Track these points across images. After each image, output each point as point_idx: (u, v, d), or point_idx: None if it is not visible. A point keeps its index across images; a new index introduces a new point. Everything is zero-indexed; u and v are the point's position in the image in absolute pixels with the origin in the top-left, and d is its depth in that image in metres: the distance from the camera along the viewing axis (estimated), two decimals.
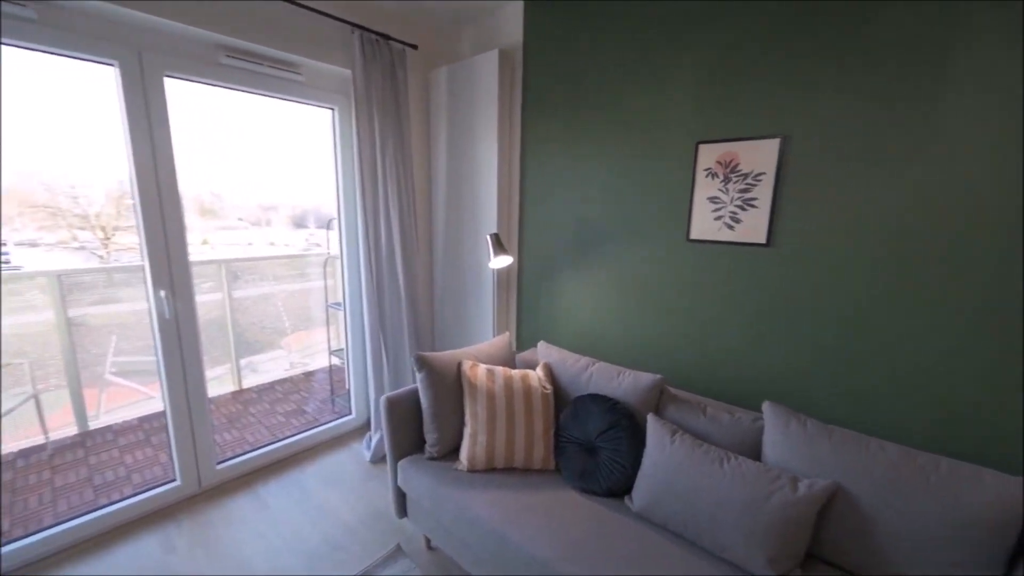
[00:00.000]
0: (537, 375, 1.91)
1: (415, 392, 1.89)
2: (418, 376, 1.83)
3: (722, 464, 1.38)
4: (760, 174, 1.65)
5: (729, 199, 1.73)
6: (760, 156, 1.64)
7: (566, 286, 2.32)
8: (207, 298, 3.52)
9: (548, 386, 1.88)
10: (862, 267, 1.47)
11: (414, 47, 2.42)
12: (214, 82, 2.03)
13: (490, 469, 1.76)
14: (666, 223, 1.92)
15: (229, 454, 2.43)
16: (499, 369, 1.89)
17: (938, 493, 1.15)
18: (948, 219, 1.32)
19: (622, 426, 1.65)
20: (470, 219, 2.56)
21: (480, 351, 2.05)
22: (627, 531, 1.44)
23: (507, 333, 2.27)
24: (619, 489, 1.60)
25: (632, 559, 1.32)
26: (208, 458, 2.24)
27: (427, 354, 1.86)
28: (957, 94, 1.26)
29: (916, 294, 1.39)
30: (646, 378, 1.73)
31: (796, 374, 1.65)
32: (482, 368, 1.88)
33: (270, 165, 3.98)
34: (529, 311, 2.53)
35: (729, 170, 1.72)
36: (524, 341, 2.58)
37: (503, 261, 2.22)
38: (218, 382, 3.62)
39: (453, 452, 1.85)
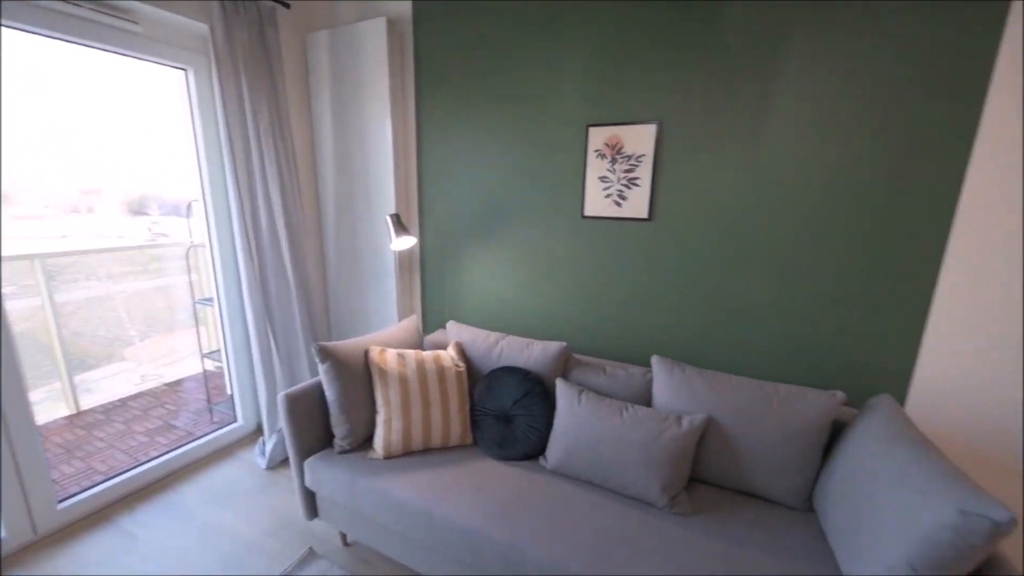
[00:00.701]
0: (449, 355, 1.91)
1: (317, 386, 1.76)
2: (321, 368, 1.70)
3: (622, 414, 1.56)
4: (641, 155, 1.84)
5: (616, 178, 1.91)
6: (641, 139, 1.83)
7: (471, 265, 2.35)
8: (17, 305, 2.77)
9: (461, 364, 1.90)
10: (724, 235, 1.76)
11: (286, 5, 2.16)
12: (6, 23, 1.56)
13: (407, 453, 1.73)
14: (563, 201, 2.04)
15: (74, 489, 2.00)
16: (410, 352, 1.85)
17: (778, 411, 1.46)
18: (784, 192, 1.63)
19: (535, 393, 1.75)
20: (364, 198, 2.41)
21: (388, 336, 1.98)
22: (545, 488, 1.55)
23: (414, 316, 2.22)
24: (535, 451, 1.71)
25: (551, 511, 1.44)
26: (44, 498, 1.81)
27: (330, 344, 1.74)
28: (784, 86, 1.56)
29: (764, 257, 1.71)
30: (553, 347, 1.85)
31: (677, 329, 1.92)
32: (391, 353, 1.82)
33: (94, 139, 3.22)
34: (434, 292, 2.50)
35: (615, 152, 1.89)
36: (432, 323, 2.55)
37: (406, 242, 2.15)
38: (45, 407, 2.91)
39: (366, 442, 1.78)
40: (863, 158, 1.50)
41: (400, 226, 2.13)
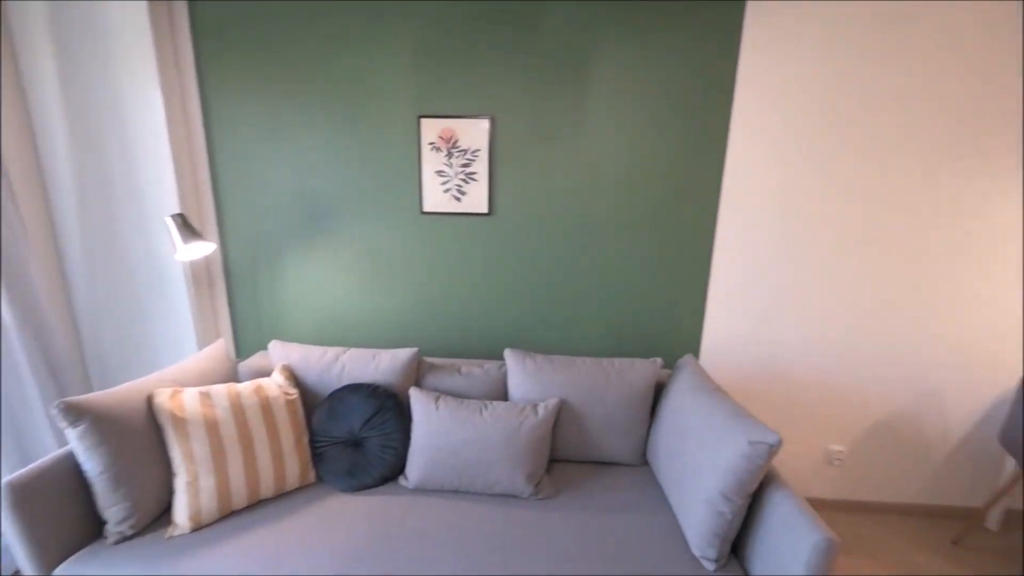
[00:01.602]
0: (275, 381, 1.59)
1: (67, 459, 1.26)
2: (73, 433, 1.21)
3: (481, 413, 1.53)
4: (477, 150, 1.82)
5: (454, 173, 1.86)
6: (475, 133, 1.81)
7: (297, 272, 2.00)
8: None
9: (292, 390, 1.60)
10: (557, 226, 1.87)
11: None
12: None
13: (229, 515, 1.38)
14: (400, 196, 1.89)
15: None
16: (219, 388, 1.47)
17: (615, 383, 1.64)
18: (602, 184, 1.82)
19: (387, 408, 1.59)
20: (129, 193, 1.81)
21: (183, 372, 1.53)
22: (408, 511, 1.42)
23: (221, 341, 1.78)
24: (394, 472, 1.56)
25: (418, 534, 1.32)
26: None
27: (86, 397, 1.25)
28: (598, 87, 1.73)
29: (587, 245, 1.88)
30: (403, 354, 1.70)
31: (526, 320, 1.98)
32: (191, 393, 1.41)
33: None
34: (248, 308, 2.06)
35: (451, 145, 1.83)
36: (248, 346, 2.10)
37: (198, 249, 1.69)
38: None
39: (162, 517, 1.35)
40: (657, 153, 1.77)
41: (188, 229, 1.66)
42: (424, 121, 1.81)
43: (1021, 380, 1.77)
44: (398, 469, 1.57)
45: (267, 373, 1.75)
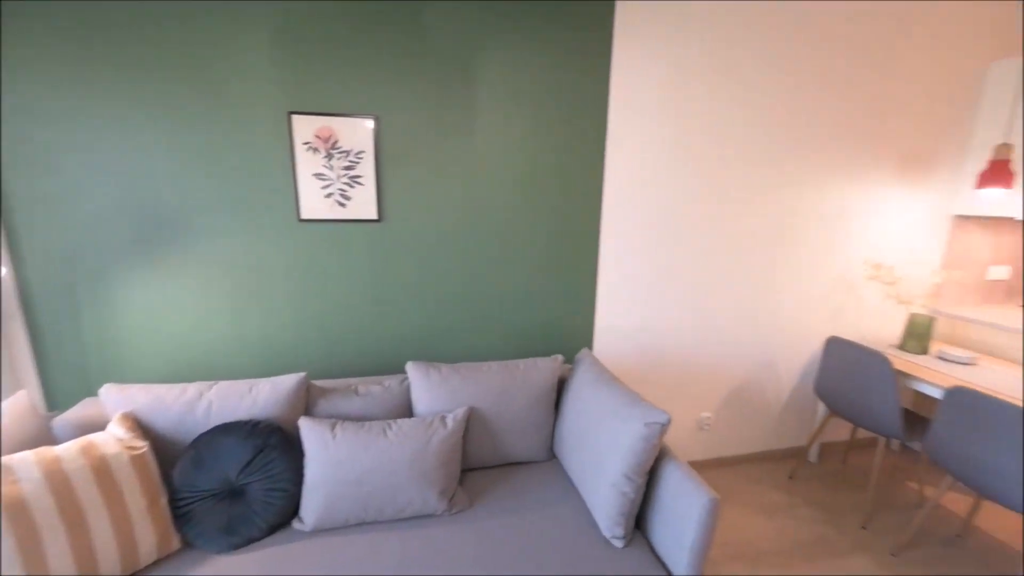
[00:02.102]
0: (113, 435, 1.27)
1: None
2: None
3: (386, 433, 1.42)
4: (361, 152, 1.69)
5: (336, 176, 1.70)
6: (358, 134, 1.68)
7: (138, 296, 1.63)
8: None
9: (139, 443, 1.29)
10: (452, 231, 1.83)
11: None
12: None
13: None
14: (272, 203, 1.67)
15: None
16: (24, 457, 1.12)
17: (521, 384, 1.66)
18: (495, 186, 1.83)
19: (272, 446, 1.38)
20: None
21: None
22: (304, 560, 1.25)
23: (22, 392, 1.37)
24: (285, 518, 1.36)
25: None
26: None
27: None
28: (486, 90, 1.73)
29: (485, 248, 1.88)
30: (288, 381, 1.50)
31: (427, 330, 1.90)
32: None
33: None
34: (64, 347, 1.62)
35: (330, 146, 1.67)
36: (66, 394, 1.65)
37: None
38: None
39: None
40: (544, 157, 1.85)
41: None
42: (296, 118, 1.62)
43: (824, 343, 2.26)
44: (290, 513, 1.37)
45: (99, 426, 1.39)
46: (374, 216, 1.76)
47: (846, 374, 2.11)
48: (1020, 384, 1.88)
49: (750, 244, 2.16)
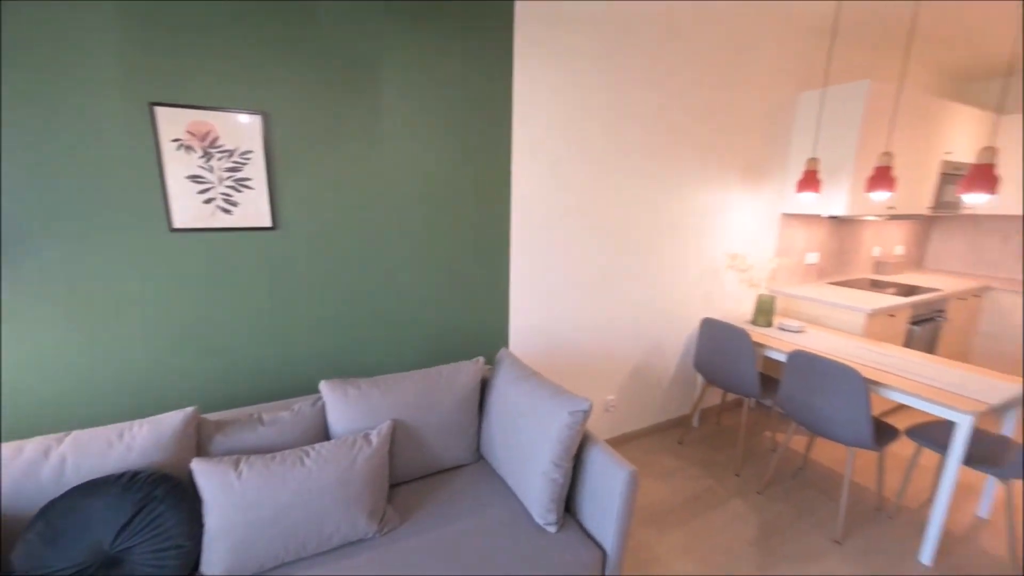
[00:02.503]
0: None
1: None
2: None
3: (303, 461, 1.30)
4: (248, 152, 1.51)
5: (218, 179, 1.49)
6: (243, 132, 1.49)
7: None
8: None
9: None
10: (359, 237, 1.73)
11: None
12: None
13: None
14: (133, 209, 1.40)
15: None
16: None
17: (446, 389, 1.65)
18: (403, 190, 1.78)
19: (156, 499, 1.17)
20: None
21: None
22: None
23: None
24: None
25: None
26: None
27: None
28: (390, 91, 1.67)
29: (396, 254, 1.81)
30: (171, 419, 1.28)
31: (339, 345, 1.76)
32: None
33: None
34: None
35: (209, 144, 1.46)
36: None
37: None
38: None
39: None
40: (454, 162, 1.85)
41: None
42: (160, 111, 1.38)
43: (700, 323, 2.64)
44: (188, 572, 1.18)
45: None
46: (268, 223, 1.58)
47: (717, 349, 2.49)
48: (837, 344, 2.43)
49: (637, 241, 2.43)
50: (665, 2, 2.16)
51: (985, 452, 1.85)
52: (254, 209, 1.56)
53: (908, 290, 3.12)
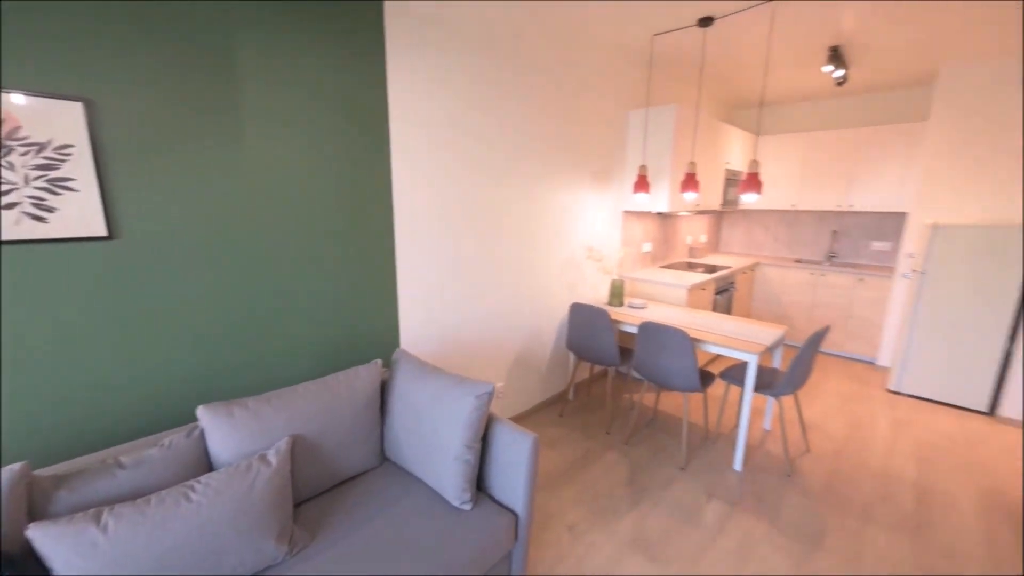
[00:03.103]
0: None
1: None
2: None
3: (189, 498, 1.15)
4: (67, 147, 1.25)
5: (23, 179, 1.20)
6: (59, 123, 1.22)
7: None
8: None
9: None
10: (228, 250, 1.56)
11: None
12: None
13: None
14: None
15: None
16: None
17: (347, 396, 1.61)
18: (280, 196, 1.65)
19: None
20: None
21: None
22: None
23: None
24: None
25: None
26: None
27: None
28: (256, 86, 1.54)
29: (282, 265, 1.68)
30: None
31: (214, 366, 1.55)
32: None
33: None
34: None
35: (7, 136, 1.16)
36: None
37: None
38: None
39: None
40: (334, 166, 1.79)
41: None
42: None
43: (569, 308, 3.00)
44: None
45: None
46: (102, 232, 1.33)
47: (585, 329, 2.88)
48: (670, 313, 3.03)
49: (510, 237, 2.65)
50: (515, 26, 2.41)
51: (765, 381, 2.55)
52: (78, 215, 1.29)
53: (711, 268, 4.03)
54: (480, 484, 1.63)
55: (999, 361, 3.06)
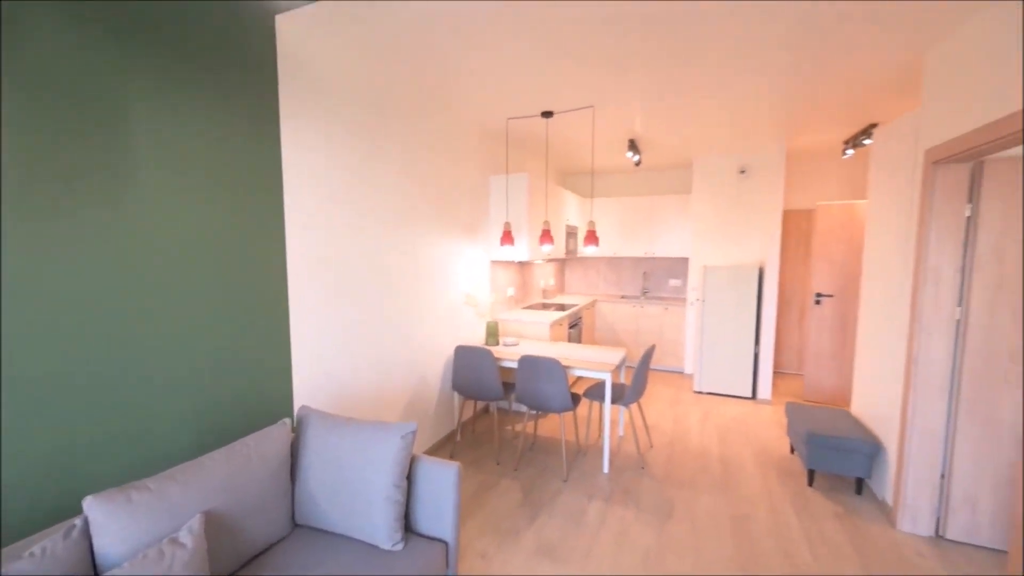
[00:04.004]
0: None
1: None
2: None
3: None
4: None
5: None
6: None
7: None
8: None
9: None
10: (107, 309, 1.39)
11: None
12: None
13: None
14: None
15: None
16: None
17: (256, 461, 1.52)
18: (169, 266, 1.53)
19: None
20: None
21: None
22: None
23: None
24: None
25: None
26: None
27: None
28: (149, 152, 1.46)
29: (164, 328, 1.53)
30: None
31: (97, 451, 1.30)
32: None
33: None
34: None
35: None
36: None
37: None
38: None
39: None
40: (224, 225, 1.74)
41: None
42: None
43: (454, 350, 3.23)
44: None
45: None
46: None
47: (469, 368, 3.14)
48: (539, 347, 3.50)
49: (398, 288, 2.81)
50: (394, 98, 2.73)
51: (617, 394, 3.18)
52: None
53: (561, 307, 4.77)
54: (406, 523, 1.70)
55: (752, 361, 4.37)
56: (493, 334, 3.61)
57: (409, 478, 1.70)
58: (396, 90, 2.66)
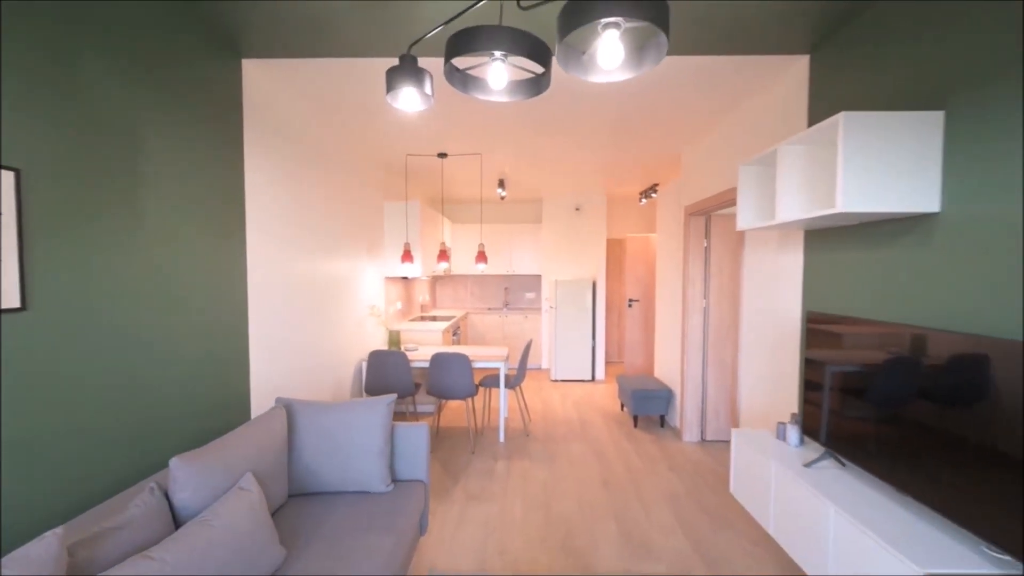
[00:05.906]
0: None
1: None
2: None
3: (211, 526, 1.30)
4: None
5: None
6: None
7: None
8: None
9: None
10: (125, 327, 1.55)
11: None
12: None
13: None
14: None
15: None
16: None
17: (274, 435, 1.82)
18: (160, 273, 1.73)
19: None
20: None
21: None
22: None
23: None
24: None
25: None
26: None
27: None
28: (151, 168, 1.66)
29: (155, 341, 1.70)
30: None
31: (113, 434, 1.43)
32: None
33: None
34: None
35: None
36: None
37: None
38: None
39: None
40: (197, 250, 1.97)
41: None
42: None
43: (368, 355, 3.60)
44: None
45: None
46: (16, 304, 1.24)
47: (383, 370, 3.56)
48: (438, 349, 4.10)
49: (323, 301, 3.12)
50: (320, 137, 3.12)
51: (509, 381, 4.00)
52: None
53: (441, 318, 5.43)
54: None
55: (591, 352, 5.77)
56: (396, 342, 4.07)
57: (392, 435, 2.18)
58: (325, 128, 3.04)
